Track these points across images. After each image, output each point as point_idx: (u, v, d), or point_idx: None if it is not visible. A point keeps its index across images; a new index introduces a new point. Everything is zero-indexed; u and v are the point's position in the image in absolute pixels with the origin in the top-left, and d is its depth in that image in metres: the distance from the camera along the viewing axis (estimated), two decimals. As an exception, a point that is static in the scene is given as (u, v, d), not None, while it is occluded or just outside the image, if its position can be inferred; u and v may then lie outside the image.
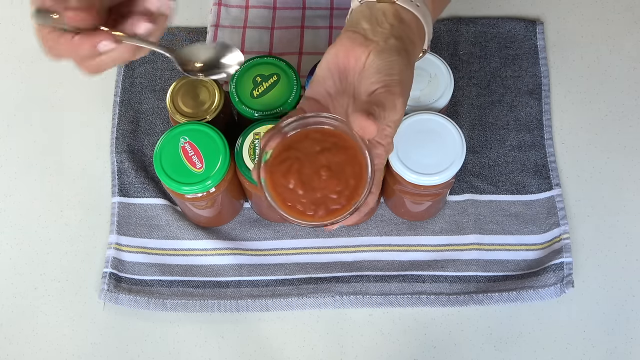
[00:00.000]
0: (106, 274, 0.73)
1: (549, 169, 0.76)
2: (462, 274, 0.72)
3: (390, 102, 0.52)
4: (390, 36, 0.55)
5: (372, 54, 0.54)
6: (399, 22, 0.56)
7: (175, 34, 0.84)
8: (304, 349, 0.71)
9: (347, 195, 0.53)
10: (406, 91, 0.54)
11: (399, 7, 0.57)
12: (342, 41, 0.55)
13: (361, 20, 0.56)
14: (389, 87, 0.52)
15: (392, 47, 0.54)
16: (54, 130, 0.81)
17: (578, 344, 0.70)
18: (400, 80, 0.53)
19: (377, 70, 0.53)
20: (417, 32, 0.58)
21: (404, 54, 0.54)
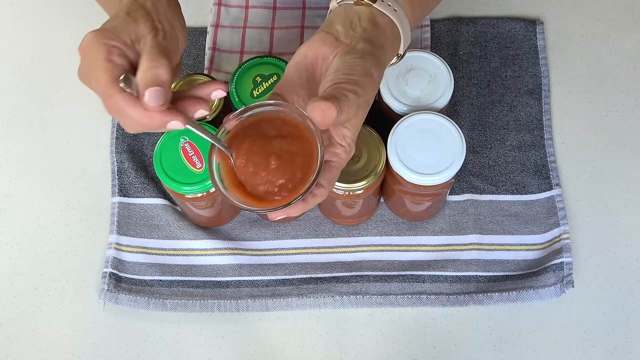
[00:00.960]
0: (106, 274, 0.73)
1: (549, 169, 0.76)
2: (462, 274, 0.72)
3: (343, 96, 0.51)
4: (360, 40, 0.55)
5: (338, 55, 0.54)
6: (372, 25, 0.56)
7: (175, 34, 0.84)
8: (304, 349, 0.71)
9: (291, 186, 0.54)
10: (363, 91, 0.53)
11: (375, 11, 0.56)
12: (313, 41, 0.55)
13: (336, 21, 0.56)
14: (343, 83, 0.52)
15: (358, 50, 0.54)
16: (54, 130, 0.81)
17: (578, 344, 0.70)
18: (356, 80, 0.53)
19: (336, 69, 0.53)
20: (391, 37, 0.57)
21: (369, 59, 0.54)
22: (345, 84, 0.52)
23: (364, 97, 0.53)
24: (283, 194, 0.54)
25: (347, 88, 0.52)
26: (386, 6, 0.57)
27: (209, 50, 0.81)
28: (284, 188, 0.54)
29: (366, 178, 0.65)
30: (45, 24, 0.86)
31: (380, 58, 0.56)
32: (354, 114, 0.53)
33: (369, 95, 0.54)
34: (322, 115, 0.50)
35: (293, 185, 0.54)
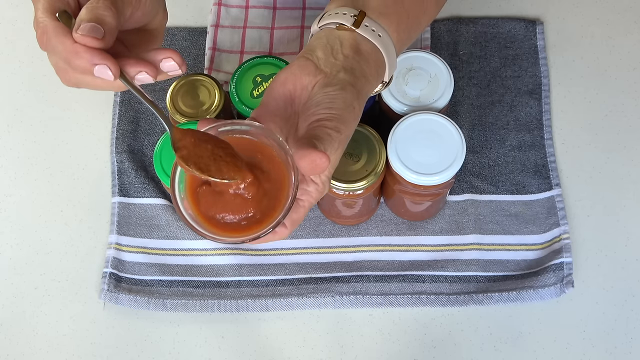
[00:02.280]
0: (106, 274, 0.73)
1: (549, 169, 0.76)
2: (462, 274, 0.72)
3: (327, 136, 0.49)
4: (341, 69, 0.52)
5: (318, 85, 0.52)
6: (354, 52, 0.54)
7: (175, 34, 0.84)
8: (304, 349, 0.71)
9: (250, 220, 0.50)
10: (344, 127, 0.51)
11: (358, 37, 0.54)
12: (292, 68, 0.53)
13: (317, 47, 0.54)
14: (325, 121, 0.50)
15: (339, 81, 0.52)
16: (54, 130, 0.81)
17: (578, 344, 0.70)
18: (339, 116, 0.50)
19: (317, 103, 0.51)
20: (374, 64, 0.55)
21: (349, 90, 0.52)
22: (328, 121, 0.50)
23: (345, 133, 0.51)
24: (242, 224, 0.50)
25: (329, 126, 0.50)
26: (370, 32, 0.54)
27: (209, 50, 0.81)
28: (245, 219, 0.50)
29: (366, 178, 0.65)
30: (45, 24, 0.86)
31: (362, 88, 0.54)
32: (334, 151, 0.51)
33: (350, 129, 0.52)
34: (312, 165, 0.47)
35: (254, 218, 0.50)
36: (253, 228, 0.50)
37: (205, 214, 0.50)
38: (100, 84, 0.49)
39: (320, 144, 0.48)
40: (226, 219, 0.50)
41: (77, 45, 0.47)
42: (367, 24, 0.54)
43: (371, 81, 0.55)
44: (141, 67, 0.49)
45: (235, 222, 0.50)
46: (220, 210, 0.50)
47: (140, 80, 0.50)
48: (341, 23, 0.54)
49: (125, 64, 0.49)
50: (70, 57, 0.47)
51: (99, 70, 0.47)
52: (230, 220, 0.50)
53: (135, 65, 0.49)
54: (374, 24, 0.55)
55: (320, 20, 0.56)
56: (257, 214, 0.50)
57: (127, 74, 0.49)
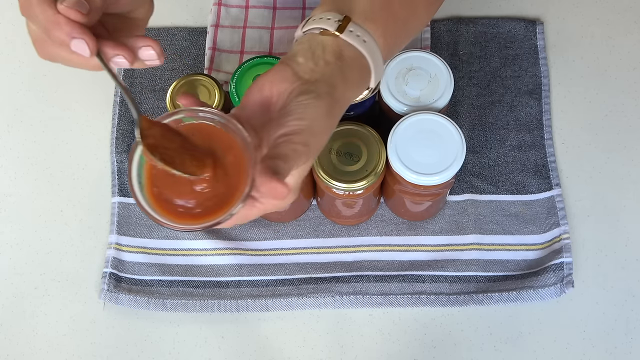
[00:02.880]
0: (106, 274, 0.73)
1: (549, 169, 0.76)
2: (462, 274, 0.72)
3: (292, 152, 0.48)
4: (320, 76, 0.51)
5: (293, 93, 0.50)
6: (336, 58, 0.52)
7: (175, 34, 0.84)
8: (304, 349, 0.71)
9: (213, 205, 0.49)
10: (314, 140, 0.50)
11: (342, 42, 0.52)
12: (270, 74, 0.51)
13: (298, 53, 0.52)
14: (292, 134, 0.48)
15: (315, 89, 0.50)
16: (54, 130, 0.81)
17: (578, 344, 0.70)
18: (309, 127, 0.49)
19: (289, 112, 0.49)
20: (358, 70, 0.53)
21: (325, 99, 0.50)
22: (295, 135, 0.48)
23: (314, 145, 0.50)
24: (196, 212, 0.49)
25: (296, 140, 0.48)
26: (354, 37, 0.52)
27: (209, 50, 0.81)
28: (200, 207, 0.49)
29: (366, 178, 0.65)
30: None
31: (341, 96, 0.52)
32: (301, 164, 0.49)
33: (321, 140, 0.51)
34: (272, 193, 0.46)
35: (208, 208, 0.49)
36: (205, 217, 0.49)
37: (160, 201, 0.50)
38: (75, 60, 0.49)
39: (285, 164, 0.47)
40: (181, 207, 0.49)
41: (59, 16, 0.46)
42: (351, 29, 0.53)
43: (353, 88, 0.54)
44: (119, 50, 0.48)
45: (190, 210, 0.49)
46: (176, 198, 0.49)
47: (117, 63, 0.49)
48: (325, 28, 0.52)
49: (104, 44, 0.48)
50: (50, 27, 0.46)
51: (76, 44, 0.46)
52: (184, 209, 0.49)
53: (113, 47, 0.48)
54: (359, 29, 0.53)
55: (305, 25, 0.54)
56: (212, 204, 0.49)
57: (104, 54, 0.48)
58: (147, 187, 0.50)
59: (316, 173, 0.66)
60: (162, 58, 0.51)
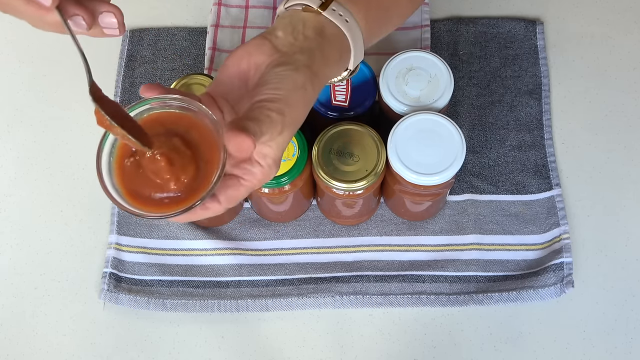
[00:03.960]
0: (106, 274, 0.73)
1: (549, 169, 0.76)
2: (462, 274, 0.72)
3: (266, 117, 0.47)
4: (298, 49, 0.50)
5: (271, 64, 0.50)
6: (317, 34, 0.52)
7: (175, 34, 0.84)
8: (304, 349, 0.71)
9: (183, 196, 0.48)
10: (289, 110, 0.48)
11: (324, 19, 0.52)
12: (247, 46, 0.51)
13: (278, 27, 0.52)
14: (267, 102, 0.48)
15: (293, 61, 0.50)
16: (54, 130, 0.81)
17: (578, 344, 0.70)
18: (285, 97, 0.48)
19: (265, 82, 0.49)
20: (338, 48, 0.53)
21: (303, 71, 0.50)
22: (270, 102, 0.48)
23: (291, 115, 0.49)
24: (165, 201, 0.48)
25: (270, 107, 0.47)
26: (337, 15, 0.53)
27: (209, 50, 0.81)
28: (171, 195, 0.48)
29: (366, 178, 0.65)
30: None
31: (319, 71, 0.51)
32: (278, 134, 0.48)
33: (297, 112, 0.50)
34: (238, 148, 0.45)
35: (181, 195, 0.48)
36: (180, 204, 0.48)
37: (130, 188, 0.49)
38: (30, 11, 0.46)
39: (256, 126, 0.46)
40: (152, 195, 0.49)
41: None
42: (334, 7, 0.53)
43: (332, 65, 0.53)
44: (80, 10, 0.47)
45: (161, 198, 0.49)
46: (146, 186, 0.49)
47: (75, 24, 0.48)
48: (307, 5, 0.52)
49: (66, 2, 0.46)
50: None
51: None
52: (156, 196, 0.49)
53: (74, 5, 0.47)
54: (342, 9, 0.53)
55: (288, 2, 0.54)
56: (185, 190, 0.48)
57: (65, 11, 0.47)
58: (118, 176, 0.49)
59: (316, 173, 0.66)
60: (122, 29, 0.49)
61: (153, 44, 0.83)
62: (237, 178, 0.50)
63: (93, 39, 0.51)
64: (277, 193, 0.67)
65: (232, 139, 0.45)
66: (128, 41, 0.83)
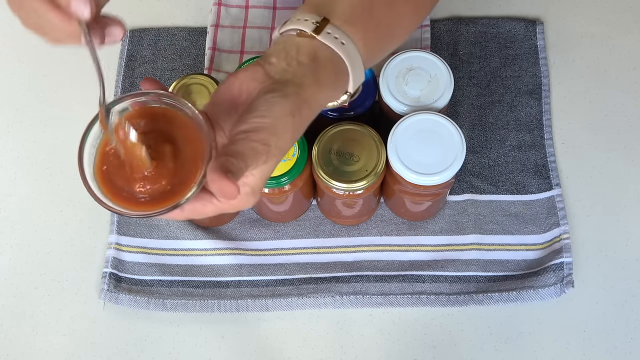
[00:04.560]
0: (106, 274, 0.73)
1: (549, 169, 0.76)
2: (462, 274, 0.72)
3: (250, 150, 0.46)
4: (291, 75, 0.49)
5: (261, 92, 0.49)
6: (311, 60, 0.50)
7: (175, 34, 0.84)
8: (304, 349, 0.71)
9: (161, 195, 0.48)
10: (275, 139, 0.47)
11: (318, 44, 0.51)
12: (241, 73, 0.50)
13: (272, 53, 0.51)
14: (252, 132, 0.46)
15: (282, 88, 0.49)
16: (54, 130, 0.81)
17: (578, 344, 0.70)
18: (271, 125, 0.47)
19: (253, 109, 0.48)
20: (334, 72, 0.52)
21: (292, 99, 0.48)
22: (255, 132, 0.46)
23: (277, 145, 0.47)
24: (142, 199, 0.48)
25: (255, 138, 0.46)
26: (332, 39, 0.51)
27: (209, 50, 0.81)
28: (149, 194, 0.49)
29: (366, 178, 0.65)
30: (45, 24, 0.86)
31: (310, 98, 0.50)
32: (262, 163, 0.47)
33: (285, 141, 0.48)
34: (221, 192, 0.44)
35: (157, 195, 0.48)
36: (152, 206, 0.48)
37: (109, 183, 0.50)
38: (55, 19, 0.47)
39: (241, 162, 0.45)
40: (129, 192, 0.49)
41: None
42: (329, 31, 0.51)
43: (326, 91, 0.52)
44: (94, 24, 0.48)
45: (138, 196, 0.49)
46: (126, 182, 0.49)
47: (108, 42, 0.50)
48: (301, 29, 0.51)
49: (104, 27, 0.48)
50: None
51: (76, 4, 0.46)
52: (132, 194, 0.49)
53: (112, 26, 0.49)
54: (338, 32, 0.52)
55: (282, 27, 0.53)
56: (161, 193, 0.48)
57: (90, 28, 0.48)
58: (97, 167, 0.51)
59: (316, 173, 0.66)
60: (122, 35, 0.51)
61: (153, 44, 0.83)
62: (210, 195, 0.48)
63: None
64: (277, 193, 0.67)
65: (216, 181, 0.44)
66: (128, 41, 0.83)
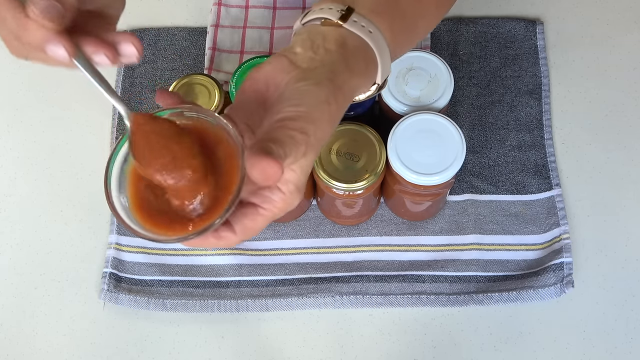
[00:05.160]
0: (106, 274, 0.73)
1: (549, 169, 0.76)
2: (462, 274, 0.72)
3: (289, 138, 0.43)
4: (319, 63, 0.46)
5: (291, 81, 0.45)
6: (339, 46, 0.48)
7: (175, 34, 0.84)
8: (304, 349, 0.71)
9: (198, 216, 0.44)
10: (314, 128, 0.44)
11: (345, 32, 0.49)
12: (265, 66, 0.47)
13: (296, 44, 0.48)
14: (288, 120, 0.43)
15: (314, 75, 0.46)
16: (54, 130, 0.81)
17: (578, 344, 0.70)
18: (307, 113, 0.44)
19: (286, 99, 0.45)
20: (364, 60, 0.49)
21: (325, 85, 0.45)
22: (292, 120, 0.43)
23: (315, 135, 0.44)
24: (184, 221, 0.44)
25: (293, 127, 0.43)
26: (359, 27, 0.49)
27: (209, 50, 0.81)
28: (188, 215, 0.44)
29: (366, 178, 0.65)
30: (45, 24, 0.86)
31: (344, 84, 0.47)
32: (301, 155, 0.44)
33: (322, 130, 0.45)
34: (263, 175, 0.41)
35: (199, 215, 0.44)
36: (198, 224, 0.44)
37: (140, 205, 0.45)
38: (53, 61, 0.44)
39: (279, 149, 0.42)
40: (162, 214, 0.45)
41: (29, 21, 0.42)
42: (355, 19, 0.49)
43: (358, 77, 0.49)
44: (102, 47, 0.44)
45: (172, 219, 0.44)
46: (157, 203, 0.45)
47: (98, 62, 0.45)
48: (327, 18, 0.49)
49: (84, 42, 0.44)
50: (21, 32, 0.42)
51: (53, 49, 0.42)
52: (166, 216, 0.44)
53: (95, 44, 0.44)
54: (364, 20, 0.49)
55: (305, 17, 0.51)
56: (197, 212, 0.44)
57: (85, 53, 0.44)
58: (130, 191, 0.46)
59: (316, 173, 0.66)
60: (141, 54, 0.47)
61: (153, 44, 0.83)
62: (255, 207, 0.46)
63: None
64: (277, 193, 0.67)
65: (257, 164, 0.40)
66: (128, 41, 0.83)
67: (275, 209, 0.46)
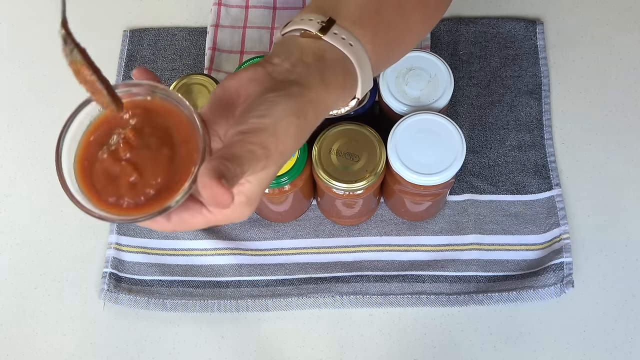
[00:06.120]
0: (106, 274, 0.73)
1: (549, 169, 0.76)
2: (462, 274, 0.72)
3: (248, 153, 0.41)
4: (295, 76, 0.46)
5: (262, 92, 0.45)
6: (316, 60, 0.47)
7: (175, 34, 0.84)
8: (304, 349, 0.71)
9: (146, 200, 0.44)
10: (276, 143, 0.43)
11: (325, 45, 0.48)
12: (239, 73, 0.46)
13: (274, 54, 0.47)
14: (249, 133, 0.42)
15: (286, 87, 0.45)
16: (54, 130, 0.80)
17: (578, 344, 0.70)
18: (271, 126, 0.43)
19: (253, 109, 0.43)
20: (342, 73, 0.48)
21: (296, 98, 0.44)
22: (253, 134, 0.42)
23: (277, 149, 0.43)
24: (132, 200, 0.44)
25: (254, 141, 0.42)
26: (339, 39, 0.48)
27: (209, 50, 0.81)
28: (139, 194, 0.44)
29: (366, 178, 0.65)
30: (45, 24, 0.86)
31: (317, 98, 0.46)
32: (261, 169, 0.43)
33: (286, 145, 0.44)
34: (213, 200, 0.40)
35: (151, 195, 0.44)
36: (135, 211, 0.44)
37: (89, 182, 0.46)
38: None
39: (237, 167, 0.41)
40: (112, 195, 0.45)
41: None
42: (336, 31, 0.48)
43: (334, 92, 0.48)
44: None
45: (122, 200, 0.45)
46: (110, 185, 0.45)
47: None
48: (306, 29, 0.48)
49: None
50: None
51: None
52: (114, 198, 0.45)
53: None
54: (345, 33, 0.48)
55: (285, 28, 0.50)
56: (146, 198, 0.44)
57: None
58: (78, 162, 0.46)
59: (316, 173, 0.66)
60: None
61: (153, 44, 0.83)
62: (200, 206, 0.45)
63: (91, 39, 0.50)
64: (277, 193, 0.67)
65: (209, 187, 0.39)
66: (128, 41, 0.83)
67: (220, 215, 0.45)
